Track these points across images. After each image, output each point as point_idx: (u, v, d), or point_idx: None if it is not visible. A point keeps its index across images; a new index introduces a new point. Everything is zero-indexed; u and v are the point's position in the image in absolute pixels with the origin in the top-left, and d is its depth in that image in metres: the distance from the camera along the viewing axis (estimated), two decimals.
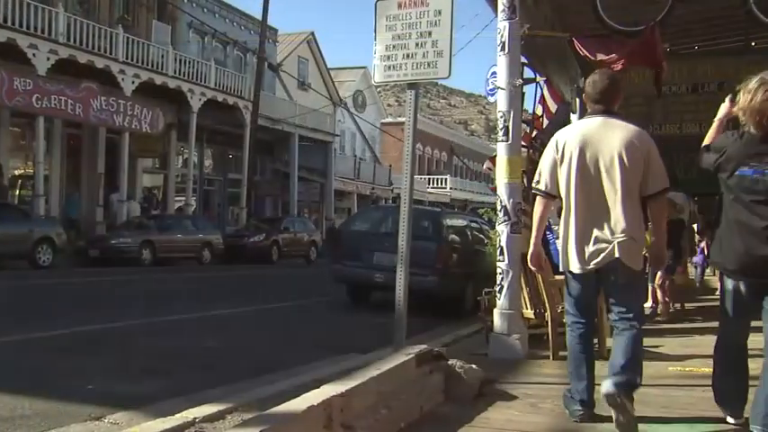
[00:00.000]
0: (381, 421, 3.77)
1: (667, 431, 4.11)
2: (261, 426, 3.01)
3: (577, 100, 11.72)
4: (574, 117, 12.05)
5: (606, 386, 3.76)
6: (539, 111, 9.17)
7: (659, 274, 9.52)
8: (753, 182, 3.66)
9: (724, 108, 4.30)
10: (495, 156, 7.70)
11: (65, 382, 5.53)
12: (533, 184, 4.40)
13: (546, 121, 9.29)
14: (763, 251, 3.60)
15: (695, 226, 13.73)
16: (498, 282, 6.48)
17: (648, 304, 9.71)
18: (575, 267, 4.06)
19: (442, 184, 51.96)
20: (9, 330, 7.52)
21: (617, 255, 3.92)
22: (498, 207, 6.60)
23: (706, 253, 12.49)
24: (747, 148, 3.73)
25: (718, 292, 4.18)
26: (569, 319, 4.33)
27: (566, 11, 9.45)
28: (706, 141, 4.14)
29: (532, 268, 4.76)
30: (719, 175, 3.85)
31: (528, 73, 7.91)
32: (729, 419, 4.05)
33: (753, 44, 11.23)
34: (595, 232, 3.98)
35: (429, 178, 51.24)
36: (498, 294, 6.48)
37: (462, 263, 11.26)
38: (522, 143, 7.44)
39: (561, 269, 4.28)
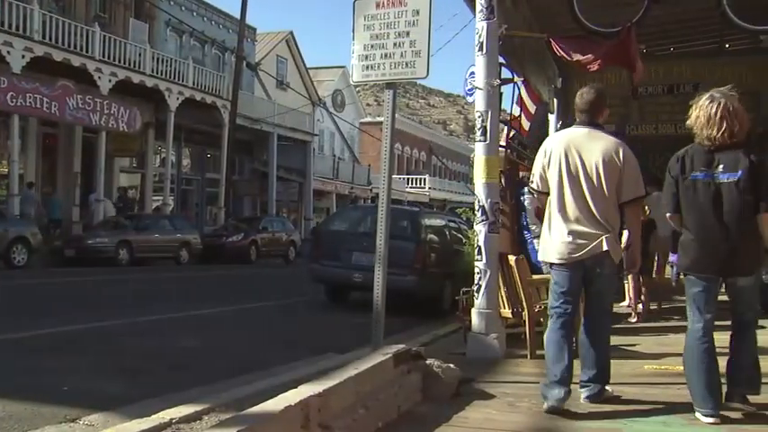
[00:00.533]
0: (359, 421, 3.77)
1: (643, 428, 4.14)
2: (238, 426, 3.00)
3: (555, 100, 11.81)
4: (552, 117, 12.15)
5: (582, 398, 4.56)
6: (516, 111, 9.21)
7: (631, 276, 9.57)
8: (704, 186, 4.14)
9: None
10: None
11: (40, 384, 5.47)
12: (530, 184, 4.90)
13: (525, 121, 9.33)
14: (716, 250, 4.12)
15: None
16: (476, 281, 6.50)
17: (625, 303, 9.85)
18: (560, 258, 4.49)
19: (420, 183, 52.03)
20: None
21: (605, 248, 4.37)
22: (476, 207, 6.62)
23: None
24: (702, 157, 4.19)
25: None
26: (553, 310, 4.61)
27: (544, 12, 9.50)
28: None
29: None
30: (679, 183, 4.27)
31: (506, 73, 7.95)
32: (707, 419, 4.15)
33: (727, 46, 11.39)
34: (579, 228, 4.42)
35: (408, 178, 51.30)
36: (476, 294, 6.51)
37: (441, 262, 11.28)
38: (501, 143, 7.47)
39: (541, 260, 4.73)
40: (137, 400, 4.92)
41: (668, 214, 4.41)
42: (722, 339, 4.31)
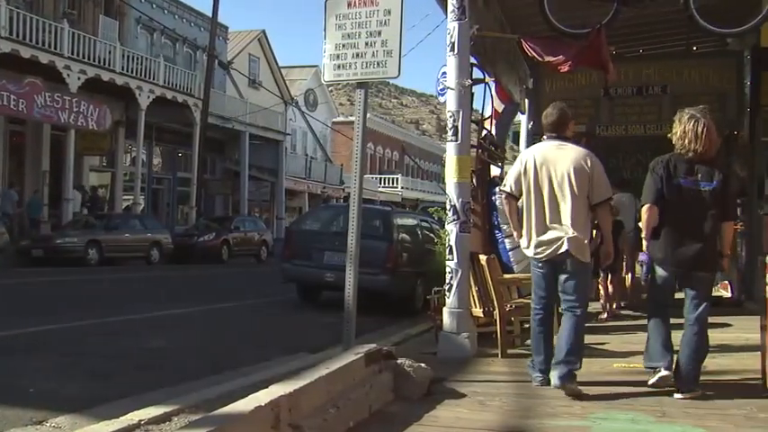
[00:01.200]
0: (330, 421, 3.76)
1: (612, 425, 4.19)
2: (207, 427, 2.98)
3: (526, 101, 11.88)
4: (523, 117, 12.23)
5: (554, 381, 4.87)
6: (487, 112, 9.25)
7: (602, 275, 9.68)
8: (687, 191, 4.75)
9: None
10: None
11: (5, 385, 5.38)
12: (501, 186, 5.45)
13: (494, 121, 9.38)
14: (687, 248, 4.75)
15: (641, 224, 13.89)
16: (447, 280, 6.51)
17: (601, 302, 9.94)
18: (533, 253, 5.06)
19: (393, 183, 52.09)
20: None
21: (566, 248, 4.89)
22: (448, 206, 6.64)
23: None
24: (685, 165, 4.79)
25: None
26: (532, 304, 5.26)
27: (515, 12, 9.56)
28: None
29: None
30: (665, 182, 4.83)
31: (478, 73, 7.98)
32: (663, 372, 4.84)
33: (694, 48, 11.54)
34: (549, 229, 4.96)
35: (380, 177, 51.32)
36: (447, 293, 6.52)
37: (412, 262, 11.31)
38: (472, 143, 7.50)
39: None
40: (105, 401, 4.87)
41: (647, 205, 4.87)
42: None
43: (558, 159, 5.00)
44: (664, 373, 4.81)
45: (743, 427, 4.10)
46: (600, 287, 9.78)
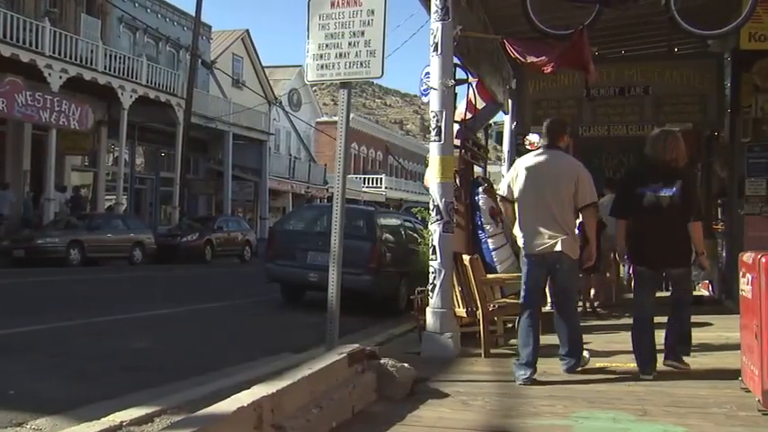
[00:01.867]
0: (313, 421, 3.76)
1: (593, 424, 4.21)
2: (190, 428, 2.98)
3: (510, 101, 11.92)
4: (506, 118, 12.26)
5: (561, 370, 5.61)
6: (460, 116, 9.23)
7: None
8: (646, 199, 5.48)
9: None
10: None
11: None
12: (497, 191, 6.14)
13: (469, 114, 9.37)
14: (654, 248, 5.49)
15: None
16: (431, 280, 6.53)
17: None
18: (528, 250, 5.51)
19: (377, 183, 52.07)
20: None
21: (560, 248, 5.37)
22: (431, 206, 6.65)
23: None
24: (647, 175, 5.59)
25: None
26: (522, 301, 5.68)
27: (498, 13, 9.58)
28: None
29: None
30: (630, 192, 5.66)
31: (461, 74, 7.99)
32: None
33: (675, 50, 11.61)
34: (542, 230, 5.43)
35: (364, 177, 51.28)
36: (431, 293, 6.54)
37: (396, 262, 11.31)
38: (455, 143, 7.52)
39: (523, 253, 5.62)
40: (87, 402, 4.84)
41: (613, 217, 5.79)
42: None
43: (549, 167, 5.53)
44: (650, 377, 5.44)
45: (723, 426, 4.14)
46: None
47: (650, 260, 5.57)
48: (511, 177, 5.70)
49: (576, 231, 5.68)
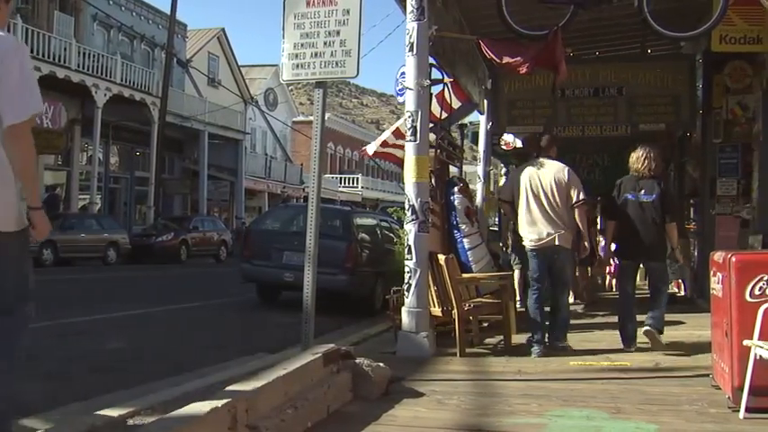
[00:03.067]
0: (288, 421, 3.75)
1: (567, 422, 4.24)
2: (163, 430, 2.96)
3: (485, 101, 11.96)
4: (482, 118, 12.31)
5: (551, 343, 6.71)
6: (436, 111, 9.25)
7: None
8: (630, 204, 6.61)
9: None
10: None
11: None
12: (497, 195, 7.06)
13: (444, 113, 9.41)
14: (637, 244, 6.63)
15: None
16: (406, 280, 6.54)
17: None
18: (532, 245, 6.65)
19: (353, 183, 52.03)
20: None
21: (558, 242, 6.55)
22: (407, 206, 6.67)
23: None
24: (631, 184, 6.70)
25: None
26: (531, 288, 6.77)
27: (474, 14, 9.61)
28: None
29: None
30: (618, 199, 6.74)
31: (437, 74, 8.02)
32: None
33: (649, 51, 11.73)
34: (541, 227, 6.58)
35: (341, 177, 51.23)
36: (406, 293, 6.55)
37: (372, 262, 11.32)
38: (431, 143, 7.54)
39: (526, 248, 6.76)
40: (59, 404, 4.79)
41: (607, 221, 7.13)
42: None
43: (544, 173, 6.66)
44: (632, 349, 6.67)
45: (694, 422, 4.19)
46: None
47: (633, 254, 6.75)
48: (511, 183, 7.00)
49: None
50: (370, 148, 12.70)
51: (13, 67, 3.12)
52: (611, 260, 12.14)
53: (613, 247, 7.54)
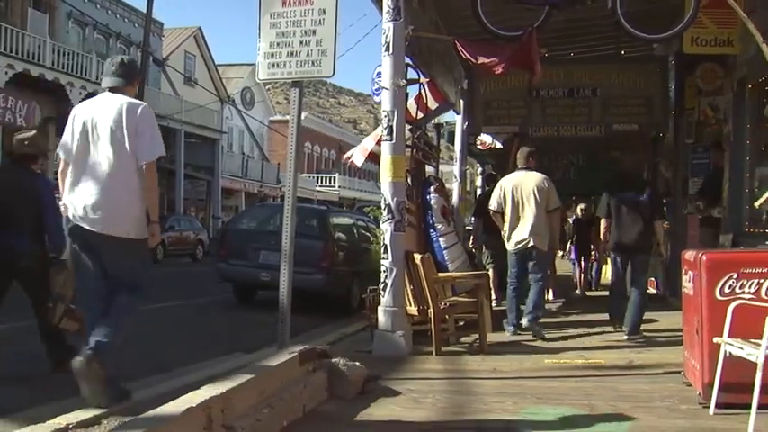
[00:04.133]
0: (264, 421, 3.76)
1: (542, 420, 4.28)
2: (138, 429, 2.96)
3: (461, 101, 12.02)
4: (458, 118, 12.36)
5: (524, 321, 7.51)
6: (412, 109, 9.28)
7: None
8: (627, 203, 7.47)
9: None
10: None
11: None
12: (489, 206, 7.93)
13: (420, 114, 9.44)
14: (627, 239, 7.48)
15: (570, 220, 14.31)
16: (383, 279, 6.56)
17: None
18: (512, 248, 7.60)
19: (330, 182, 51.97)
20: None
21: (532, 243, 7.46)
22: (383, 205, 6.68)
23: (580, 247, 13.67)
24: (625, 186, 7.64)
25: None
26: (510, 281, 7.75)
27: (450, 14, 9.65)
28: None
29: None
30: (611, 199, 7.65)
31: (413, 74, 8.04)
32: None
33: (622, 52, 11.84)
34: (522, 230, 7.49)
35: (318, 177, 51.16)
36: (382, 292, 6.57)
37: (348, 261, 11.32)
38: (407, 143, 7.57)
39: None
40: (31, 405, 4.74)
41: (601, 219, 7.79)
42: None
43: (526, 183, 7.56)
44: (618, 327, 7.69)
45: (666, 418, 4.26)
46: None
47: (624, 249, 7.52)
48: (500, 194, 7.69)
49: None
50: (358, 159, 12.80)
51: (146, 129, 4.38)
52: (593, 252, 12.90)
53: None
